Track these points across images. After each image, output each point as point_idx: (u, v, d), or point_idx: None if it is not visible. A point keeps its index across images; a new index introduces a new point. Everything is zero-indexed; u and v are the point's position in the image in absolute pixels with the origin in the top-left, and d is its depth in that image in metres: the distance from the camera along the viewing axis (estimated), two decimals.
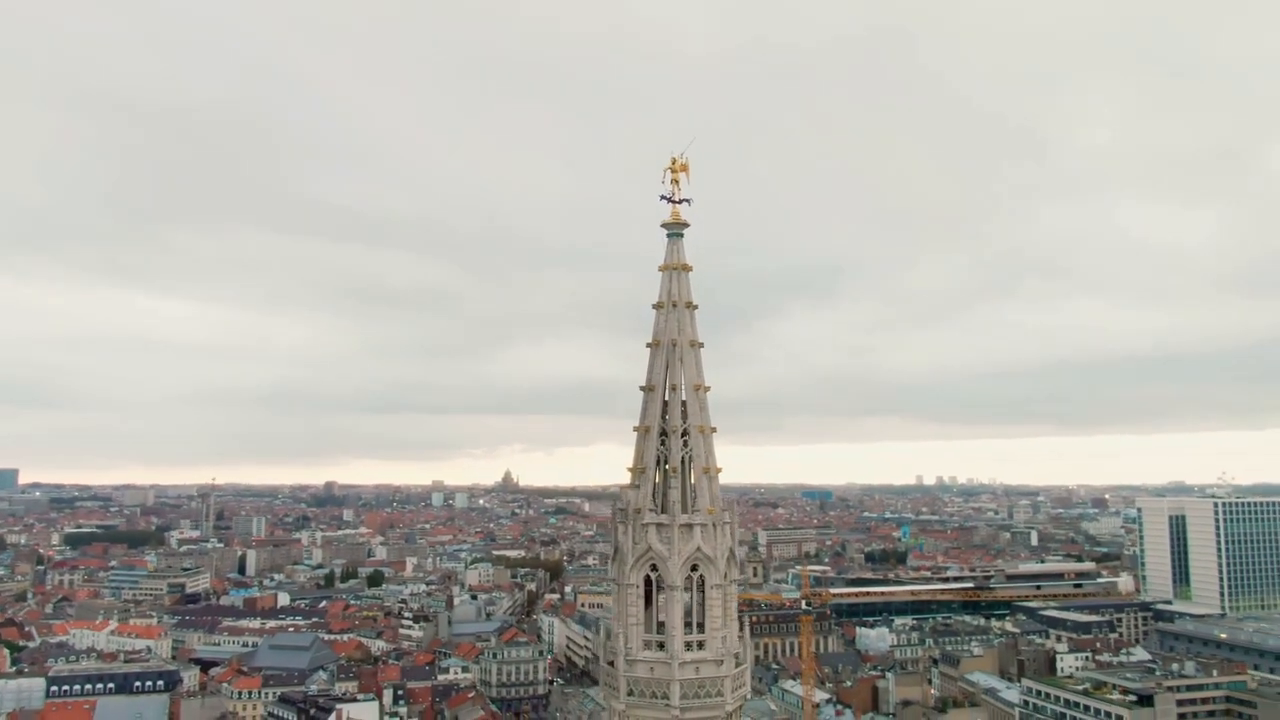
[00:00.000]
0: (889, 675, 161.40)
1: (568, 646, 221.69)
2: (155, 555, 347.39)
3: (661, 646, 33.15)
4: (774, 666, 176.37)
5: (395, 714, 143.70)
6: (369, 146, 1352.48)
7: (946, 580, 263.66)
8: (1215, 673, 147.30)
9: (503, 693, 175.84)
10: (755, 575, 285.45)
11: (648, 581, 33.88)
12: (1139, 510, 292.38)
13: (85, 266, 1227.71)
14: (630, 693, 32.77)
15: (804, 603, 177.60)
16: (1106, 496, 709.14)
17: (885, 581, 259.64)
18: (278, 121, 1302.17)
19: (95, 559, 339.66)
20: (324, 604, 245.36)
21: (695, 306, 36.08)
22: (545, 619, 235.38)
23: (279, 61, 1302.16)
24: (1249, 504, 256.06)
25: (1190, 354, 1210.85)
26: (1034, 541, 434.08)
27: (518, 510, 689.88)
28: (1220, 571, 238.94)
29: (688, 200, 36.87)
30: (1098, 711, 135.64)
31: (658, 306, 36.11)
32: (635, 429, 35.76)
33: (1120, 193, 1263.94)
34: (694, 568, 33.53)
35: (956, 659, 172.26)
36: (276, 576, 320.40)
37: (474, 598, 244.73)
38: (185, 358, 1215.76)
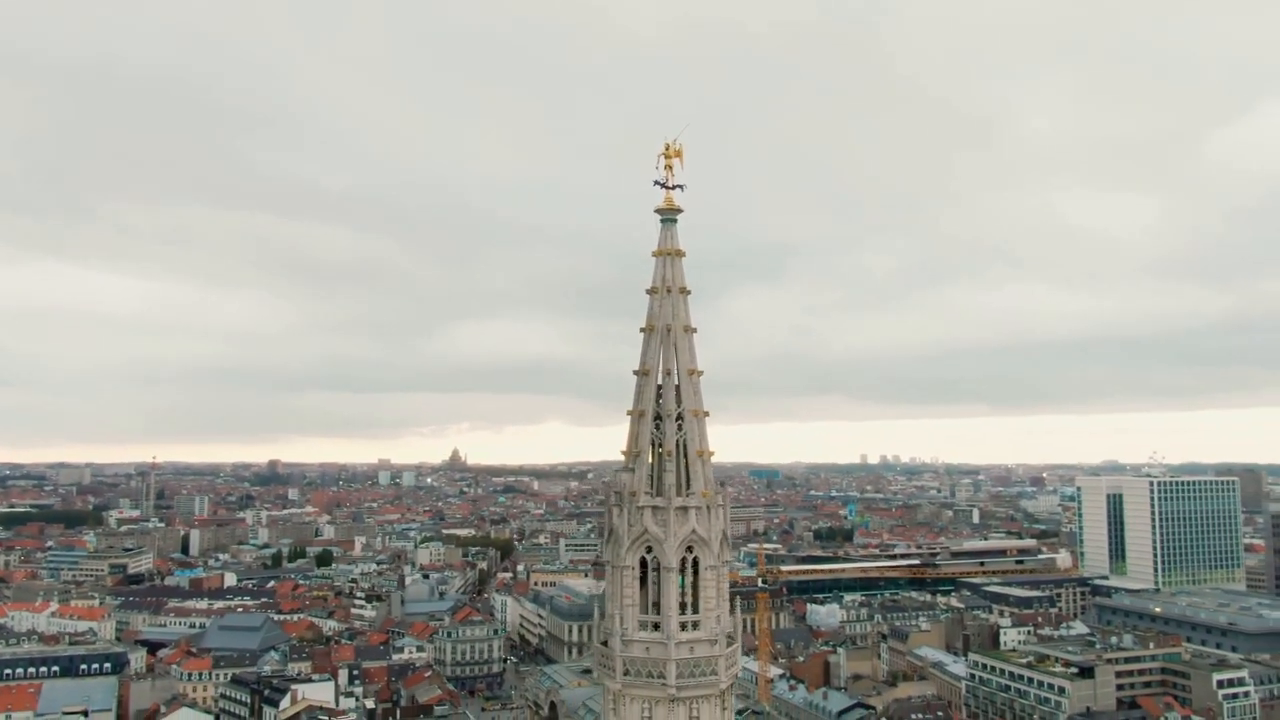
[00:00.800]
0: (840, 650, 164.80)
1: (521, 625, 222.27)
2: (94, 535, 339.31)
3: (657, 627, 33.70)
4: None
5: (351, 694, 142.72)
6: (315, 120, 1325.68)
7: (894, 557, 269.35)
8: (1151, 645, 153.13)
9: (457, 671, 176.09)
10: None
11: (642, 564, 34.38)
12: (1078, 489, 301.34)
13: (15, 239, 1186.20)
14: (626, 672, 33.31)
15: (760, 580, 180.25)
16: (1044, 475, 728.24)
17: (835, 559, 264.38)
18: (219, 93, 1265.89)
19: (31, 539, 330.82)
20: (272, 584, 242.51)
21: (688, 292, 36.47)
22: (498, 597, 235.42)
23: (220, 32, 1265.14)
24: (1182, 483, 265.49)
25: (1126, 337, 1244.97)
26: (975, 519, 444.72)
27: (466, 489, 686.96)
28: (1154, 548, 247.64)
29: (681, 186, 37.11)
30: (1041, 683, 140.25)
31: (651, 291, 36.39)
32: (629, 413, 36.12)
33: (1062, 179, 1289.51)
34: (689, 549, 34.10)
35: (905, 634, 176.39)
36: (222, 556, 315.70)
37: (426, 577, 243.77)
38: (121, 332, 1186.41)
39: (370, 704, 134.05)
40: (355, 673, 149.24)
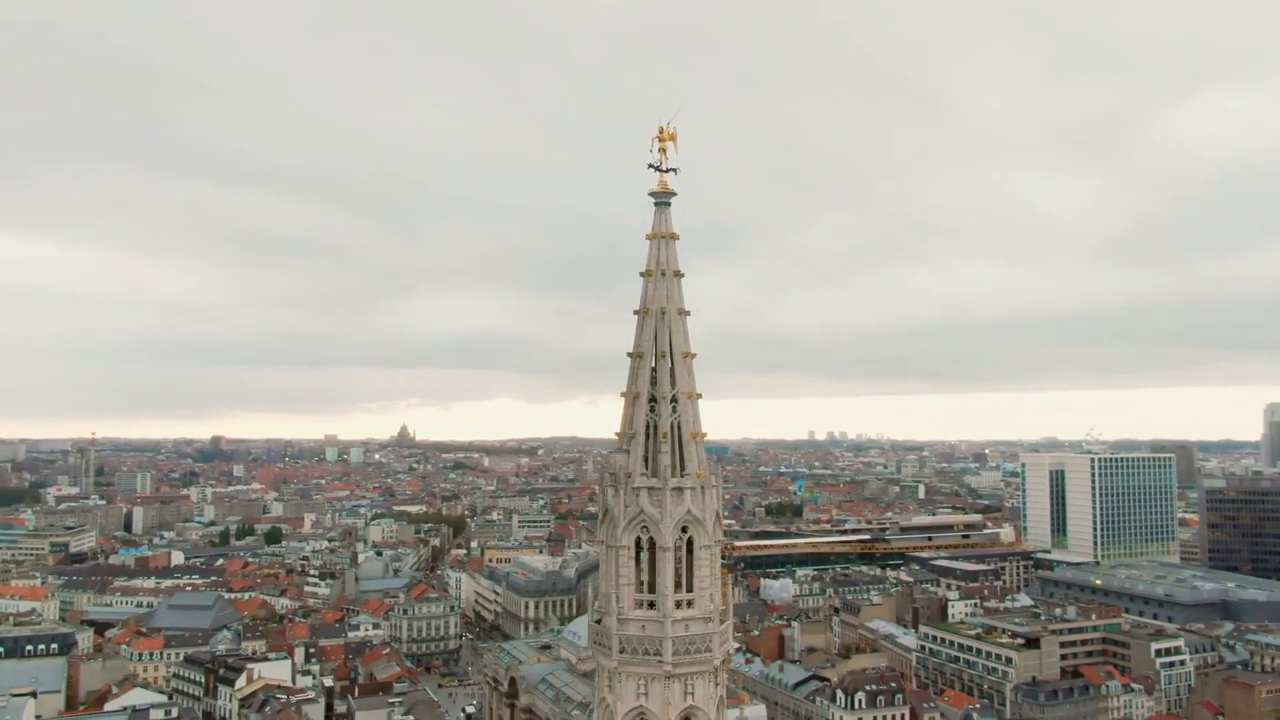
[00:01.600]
0: (794, 624, 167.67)
1: (476, 601, 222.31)
2: (33, 513, 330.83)
3: (652, 605, 34.22)
4: None
5: (308, 672, 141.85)
6: (259, 86, 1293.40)
7: (844, 533, 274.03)
8: (1094, 616, 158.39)
9: (413, 648, 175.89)
10: None
11: (636, 543, 34.81)
12: (1022, 465, 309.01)
13: None
14: (623, 650, 33.81)
15: (723, 556, 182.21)
16: (986, 451, 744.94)
17: (787, 534, 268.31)
18: (159, 58, 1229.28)
19: None
20: (221, 562, 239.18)
21: (682, 275, 36.77)
22: (452, 574, 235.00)
23: None
24: (1121, 459, 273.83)
25: (1067, 316, 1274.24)
26: (921, 495, 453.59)
27: (415, 465, 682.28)
28: (1094, 522, 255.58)
29: (675, 169, 37.31)
30: (989, 654, 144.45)
31: (646, 274, 36.63)
32: (623, 395, 36.43)
33: (1011, 159, 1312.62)
34: (683, 529, 34.62)
35: (857, 607, 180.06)
36: (167, 534, 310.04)
37: (379, 554, 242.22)
38: (55, 304, 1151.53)
39: (329, 682, 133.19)
40: (312, 651, 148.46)
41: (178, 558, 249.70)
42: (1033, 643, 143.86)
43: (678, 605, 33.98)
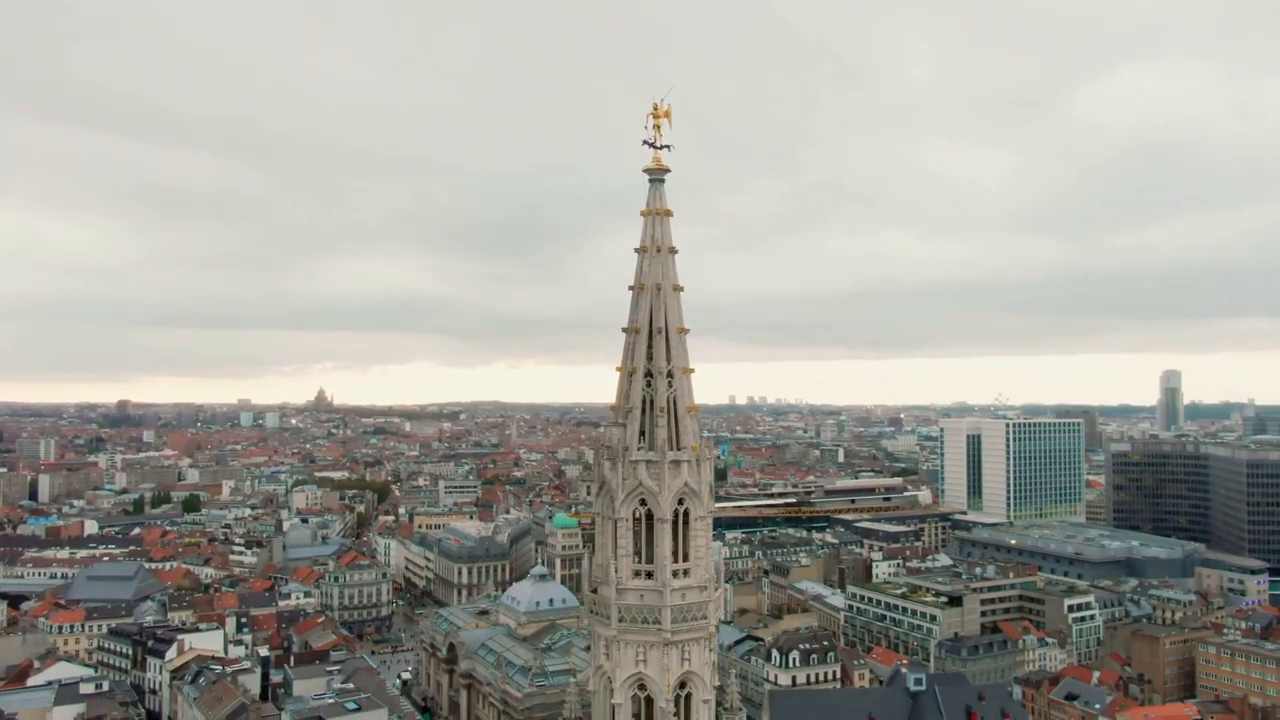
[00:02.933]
0: (727, 586, 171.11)
1: (407, 568, 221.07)
2: None
3: (650, 575, 35.04)
4: None
5: (240, 642, 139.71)
6: (167, 33, 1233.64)
7: (771, 496, 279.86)
8: (1011, 575, 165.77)
9: (345, 615, 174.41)
10: (589, 494, 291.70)
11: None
12: (941, 430, 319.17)
13: None
14: (622, 619, 34.60)
15: None
16: (901, 416, 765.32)
17: (715, 498, 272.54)
18: None
19: None
20: (138, 531, 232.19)
21: (676, 251, 37.26)
22: (381, 540, 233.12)
23: None
24: (1034, 425, 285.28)
25: (982, 285, 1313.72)
26: (841, 458, 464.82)
27: (335, 430, 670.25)
28: (1008, 484, 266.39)
29: (669, 146, 37.62)
30: (914, 612, 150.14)
31: (640, 250, 37.01)
32: (618, 369, 36.91)
33: (933, 129, 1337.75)
34: (680, 501, 35.44)
35: (786, 569, 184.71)
36: (77, 503, 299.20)
37: (304, 521, 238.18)
38: None
39: (264, 651, 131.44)
40: (243, 620, 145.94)
41: (91, 527, 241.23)
42: (955, 601, 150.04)
43: (675, 575, 34.85)
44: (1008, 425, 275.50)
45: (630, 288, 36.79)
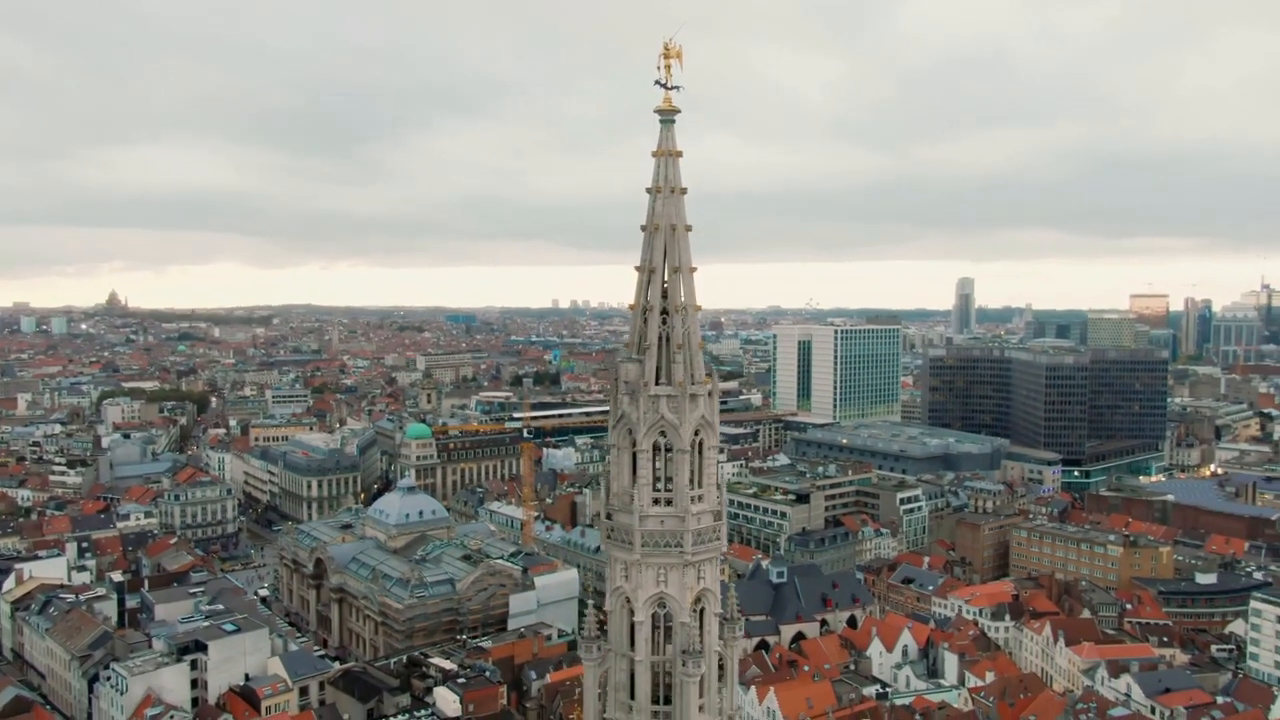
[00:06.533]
0: (586, 491, 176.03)
1: (246, 483, 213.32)
2: None
3: (668, 503, 37.12)
4: (478, 490, 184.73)
5: (83, 568, 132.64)
6: None
7: None
8: (850, 472, 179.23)
9: (188, 535, 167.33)
10: (429, 402, 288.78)
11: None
12: (774, 336, 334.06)
13: None
14: (644, 544, 36.69)
15: (524, 430, 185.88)
16: (722, 319, 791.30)
17: (563, 405, 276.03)
18: None
19: None
20: None
21: (685, 191, 38.34)
22: (214, 455, 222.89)
23: None
24: (859, 331, 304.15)
25: (798, 192, 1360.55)
26: None
27: (134, 336, 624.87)
28: (835, 387, 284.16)
29: (679, 87, 38.17)
30: (766, 510, 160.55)
31: (654, 191, 37.81)
32: (630, 307, 38.17)
33: (763, 33, 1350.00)
34: (695, 432, 37.48)
35: None
36: None
37: (127, 437, 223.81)
38: None
39: (117, 577, 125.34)
40: (85, 545, 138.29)
41: None
42: (803, 498, 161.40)
43: (692, 500, 37.14)
44: (836, 332, 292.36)
45: (642, 228, 37.69)
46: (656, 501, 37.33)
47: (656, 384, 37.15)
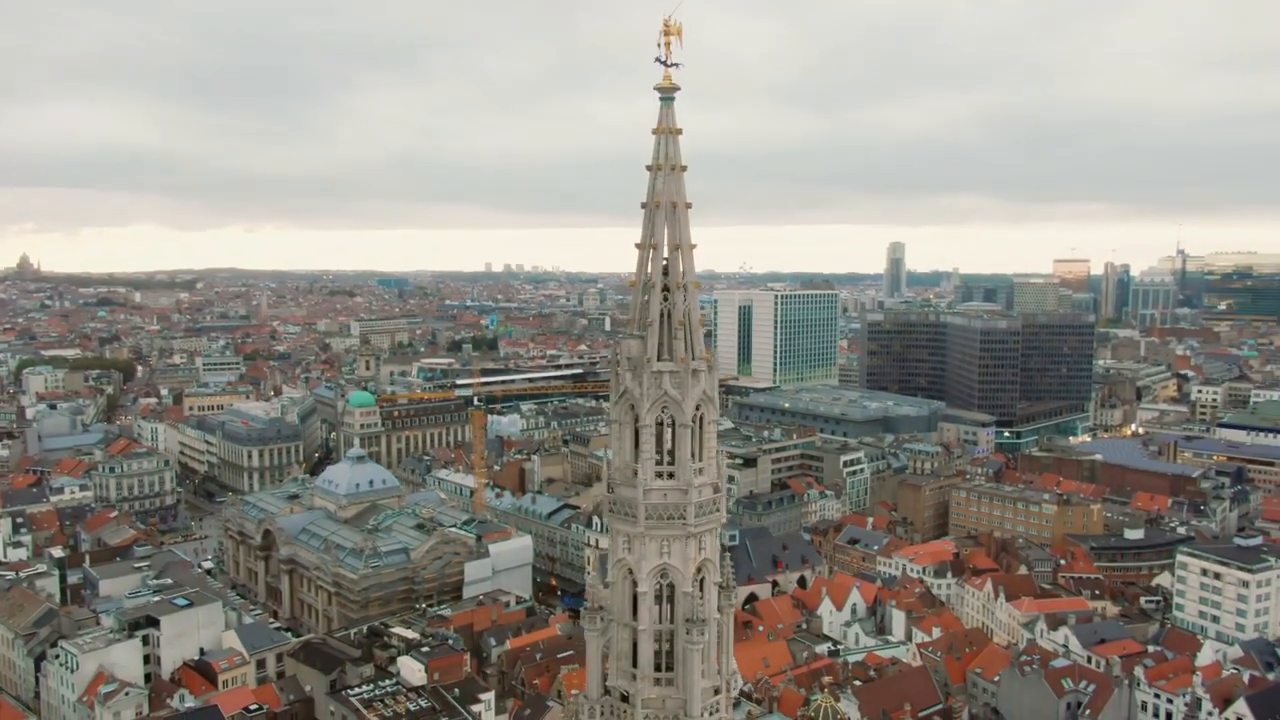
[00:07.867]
0: (534, 457, 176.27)
1: (182, 453, 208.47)
2: None
3: (671, 476, 37.88)
4: (425, 458, 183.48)
5: (18, 544, 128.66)
6: None
7: (559, 368, 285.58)
8: (795, 436, 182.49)
9: (125, 508, 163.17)
10: (367, 369, 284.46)
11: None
12: (715, 300, 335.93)
13: None
14: (649, 517, 37.47)
15: (475, 399, 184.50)
16: None
17: (507, 371, 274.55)
18: None
19: None
20: None
21: (685, 168, 38.73)
22: (147, 425, 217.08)
23: None
24: (798, 296, 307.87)
25: (733, 155, 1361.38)
26: (608, 326, 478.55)
27: (49, 301, 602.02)
28: (775, 351, 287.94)
29: (679, 64, 38.39)
30: None
31: (654, 169, 38.10)
32: (631, 284, 38.58)
33: None
34: (697, 407, 38.23)
35: (586, 438, 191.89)
36: None
37: (53, 407, 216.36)
38: None
39: (57, 552, 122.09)
40: (19, 520, 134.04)
41: None
42: (750, 462, 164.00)
43: (694, 474, 37.99)
44: (776, 297, 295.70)
45: (643, 205, 38.02)
46: (659, 475, 38.08)
47: (659, 360, 37.75)
